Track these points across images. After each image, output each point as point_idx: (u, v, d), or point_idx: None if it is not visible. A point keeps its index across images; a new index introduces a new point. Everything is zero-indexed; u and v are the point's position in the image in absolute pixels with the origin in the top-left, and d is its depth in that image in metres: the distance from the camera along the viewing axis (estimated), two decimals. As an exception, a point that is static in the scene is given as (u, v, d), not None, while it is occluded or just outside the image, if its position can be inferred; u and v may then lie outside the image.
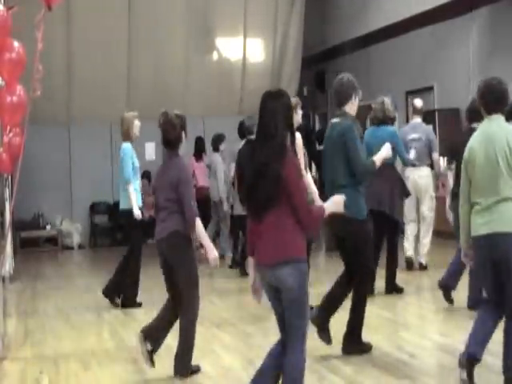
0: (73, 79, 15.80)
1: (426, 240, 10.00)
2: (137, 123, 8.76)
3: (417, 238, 10.11)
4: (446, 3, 13.21)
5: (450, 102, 12.76)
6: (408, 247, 10.03)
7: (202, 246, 5.95)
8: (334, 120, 6.20)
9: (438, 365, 5.81)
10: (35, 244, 15.43)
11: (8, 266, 9.77)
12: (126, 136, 8.75)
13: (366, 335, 6.67)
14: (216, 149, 12.15)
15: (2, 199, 9.26)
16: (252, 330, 7.31)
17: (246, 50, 17.15)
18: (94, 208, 16.03)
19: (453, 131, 11.85)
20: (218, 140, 12.19)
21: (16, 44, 6.19)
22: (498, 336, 4.97)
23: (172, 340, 6.97)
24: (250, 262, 4.48)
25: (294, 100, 8.04)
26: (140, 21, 16.01)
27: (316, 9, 17.66)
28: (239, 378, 5.70)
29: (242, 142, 10.74)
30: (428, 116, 12.07)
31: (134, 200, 8.45)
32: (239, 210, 10.98)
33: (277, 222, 4.22)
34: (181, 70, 16.51)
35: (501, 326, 4.99)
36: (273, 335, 7.04)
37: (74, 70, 15.75)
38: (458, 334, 6.70)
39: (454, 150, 7.54)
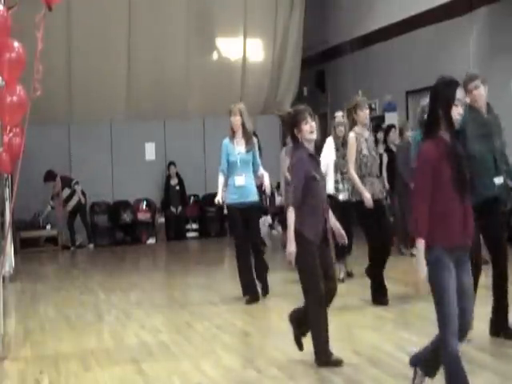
0: (73, 79, 15.81)
1: None
2: (231, 119, 8.70)
3: None
4: (445, 3, 13.20)
5: (449, 102, 12.74)
6: None
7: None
8: None
9: (438, 365, 5.79)
10: (35, 244, 15.42)
11: (8, 266, 9.75)
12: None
13: (367, 335, 6.67)
14: (284, 143, 12.19)
15: (2, 199, 9.24)
16: (252, 330, 7.31)
17: (245, 50, 17.15)
18: (94, 208, 16.01)
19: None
20: (285, 135, 12.24)
21: (16, 44, 6.18)
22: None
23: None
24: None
25: (359, 98, 8.03)
26: (140, 21, 16.02)
27: (316, 9, 17.65)
28: (239, 378, 5.69)
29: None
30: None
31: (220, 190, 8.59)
32: None
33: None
34: (181, 70, 16.51)
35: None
36: (273, 335, 7.06)
37: (74, 70, 15.76)
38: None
39: None
